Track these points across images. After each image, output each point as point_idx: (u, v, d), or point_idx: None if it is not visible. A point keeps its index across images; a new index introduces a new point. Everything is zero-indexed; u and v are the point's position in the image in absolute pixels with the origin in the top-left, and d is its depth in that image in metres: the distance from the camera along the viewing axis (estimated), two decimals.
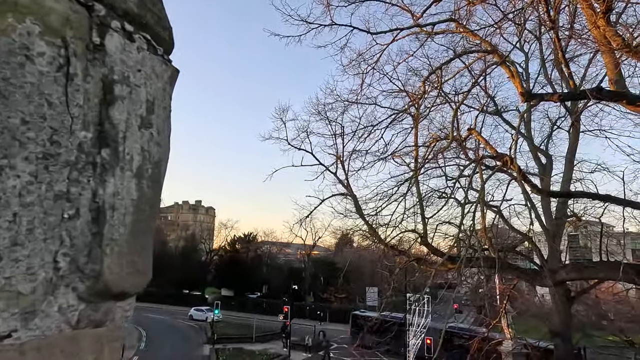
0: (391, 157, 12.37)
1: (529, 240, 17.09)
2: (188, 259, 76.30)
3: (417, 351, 29.19)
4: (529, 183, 9.42)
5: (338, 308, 55.67)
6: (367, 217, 13.87)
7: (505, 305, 16.98)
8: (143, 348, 36.45)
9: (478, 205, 11.43)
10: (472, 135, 10.32)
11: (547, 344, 21.87)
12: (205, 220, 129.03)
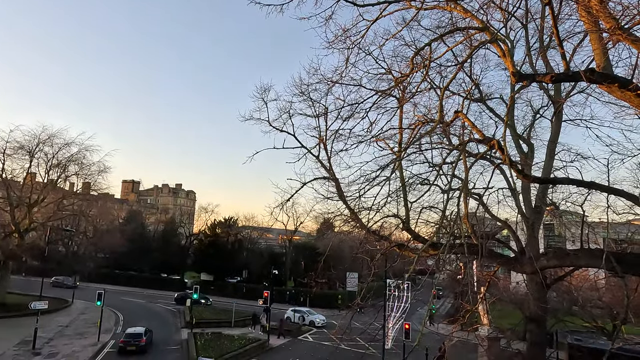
0: (374, 140, 12.12)
1: (509, 227, 17.26)
2: (167, 243, 75.37)
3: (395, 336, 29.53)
4: (515, 168, 9.31)
5: (318, 293, 55.95)
6: (349, 201, 13.65)
7: (484, 291, 17.16)
8: (120, 331, 35.92)
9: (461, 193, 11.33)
10: (458, 118, 10.13)
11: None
12: (186, 204, 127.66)
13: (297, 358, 30.92)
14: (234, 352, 29.71)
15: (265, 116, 14.78)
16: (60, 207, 46.60)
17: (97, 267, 67.37)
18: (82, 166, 47.29)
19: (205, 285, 60.97)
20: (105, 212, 58.92)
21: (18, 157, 43.04)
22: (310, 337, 38.87)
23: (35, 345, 29.48)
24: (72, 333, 34.89)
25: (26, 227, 43.55)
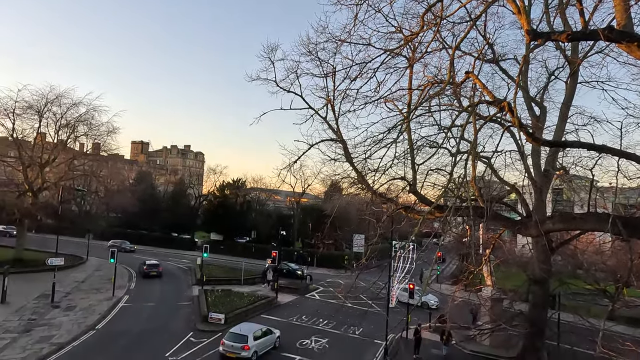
0: (383, 101, 11.90)
1: (516, 191, 17.19)
2: (177, 204, 76.54)
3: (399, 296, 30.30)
4: (525, 131, 9.13)
5: (325, 254, 57.05)
6: (356, 164, 13.62)
7: (489, 253, 17.35)
8: (133, 288, 37.27)
9: (469, 156, 11.22)
10: (469, 79, 9.84)
11: None
12: (194, 165, 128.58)
13: (304, 314, 32.00)
14: (244, 308, 30.80)
15: (273, 76, 14.53)
16: (71, 167, 47.25)
17: (110, 226, 69.03)
18: (91, 127, 47.54)
19: (215, 245, 62.37)
20: (115, 173, 59.66)
21: (27, 117, 43.26)
22: (317, 295, 40.03)
23: (54, 299, 30.81)
24: (88, 288, 36.29)
25: (39, 187, 44.39)
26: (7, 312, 27.47)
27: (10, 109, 41.32)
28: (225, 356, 21.34)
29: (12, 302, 29.48)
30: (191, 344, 23.85)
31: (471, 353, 25.74)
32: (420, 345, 24.35)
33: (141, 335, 24.82)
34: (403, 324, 26.23)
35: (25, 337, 23.42)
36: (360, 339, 26.96)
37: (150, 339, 24.27)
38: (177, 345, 23.42)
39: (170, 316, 29.28)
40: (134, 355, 21.63)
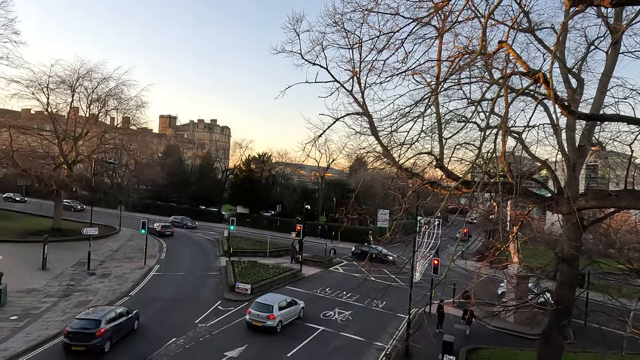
0: (410, 73, 11.55)
1: (548, 167, 16.61)
2: (204, 177, 78.12)
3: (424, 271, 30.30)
4: (561, 103, 8.71)
5: (349, 228, 57.38)
6: (381, 137, 13.41)
7: (516, 230, 17.00)
8: (164, 258, 38.69)
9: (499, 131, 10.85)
10: (502, 49, 9.40)
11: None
12: (221, 140, 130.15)
13: (328, 287, 32.56)
14: (269, 280, 31.59)
15: (298, 48, 14.35)
16: (102, 141, 48.69)
17: (140, 198, 71.28)
18: (120, 101, 48.60)
19: (241, 218, 63.66)
20: (144, 146, 61.01)
21: (61, 92, 44.53)
22: (340, 268, 40.56)
23: (90, 267, 32.39)
24: (121, 257, 37.92)
25: (73, 159, 46.07)
26: (48, 278, 29.11)
27: (44, 84, 42.59)
28: (252, 325, 22.08)
29: (51, 269, 31.19)
30: (219, 312, 24.75)
31: (495, 329, 25.72)
32: (443, 320, 24.54)
33: (171, 302, 25.89)
34: (427, 299, 26.34)
35: (65, 302, 24.83)
36: (383, 312, 27.32)
37: (180, 306, 25.31)
38: (206, 312, 24.35)
39: (199, 285, 30.37)
40: (165, 321, 22.63)
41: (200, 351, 19.14)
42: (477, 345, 22.17)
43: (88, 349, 17.83)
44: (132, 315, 21.14)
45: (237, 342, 20.34)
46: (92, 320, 18.50)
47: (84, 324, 18.29)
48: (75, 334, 17.90)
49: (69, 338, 17.84)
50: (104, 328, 18.33)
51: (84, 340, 17.85)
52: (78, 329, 18.01)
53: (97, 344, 17.94)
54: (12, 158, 42.09)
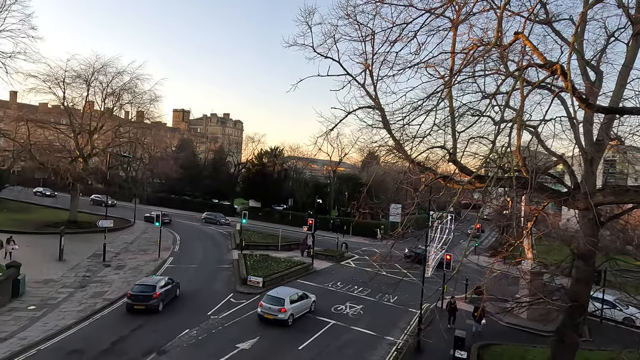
0: (423, 65, 11.39)
1: (564, 162, 16.29)
2: (217, 171, 78.63)
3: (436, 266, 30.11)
4: (579, 96, 8.49)
5: (361, 222, 57.30)
6: (393, 131, 13.28)
7: (530, 226, 16.74)
8: (177, 250, 39.15)
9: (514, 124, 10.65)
10: (517, 41, 9.19)
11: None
12: (233, 134, 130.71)
13: (339, 281, 32.60)
14: (280, 273, 31.75)
15: (310, 41, 14.20)
16: (117, 135, 49.32)
17: (154, 191, 72.09)
18: (134, 95, 49.10)
19: (253, 212, 64.01)
20: (158, 140, 61.61)
21: (76, 86, 45.18)
22: (352, 262, 40.56)
23: (105, 258, 32.94)
24: (136, 249, 38.49)
25: (89, 153, 46.80)
26: (65, 269, 29.70)
27: (60, 78, 43.24)
28: (263, 317, 22.24)
29: (68, 260, 31.81)
30: (231, 304, 24.98)
31: (507, 325, 25.47)
32: (456, 316, 24.29)
33: (185, 294, 26.19)
34: (438, 294, 26.18)
35: (81, 292, 25.32)
36: (395, 307, 27.26)
37: (194, 298, 25.60)
38: (219, 305, 24.60)
39: (212, 278, 30.68)
40: (178, 312, 22.93)
41: (212, 342, 19.36)
42: (489, 341, 21.99)
43: (147, 307, 22.34)
44: (175, 284, 25.42)
45: (249, 334, 20.51)
46: (149, 285, 23.11)
47: (143, 288, 22.83)
48: (136, 296, 22.38)
49: (131, 299, 22.35)
50: (158, 292, 22.88)
51: (144, 301, 22.35)
52: (138, 293, 22.52)
53: (153, 304, 22.47)
54: (30, 151, 42.93)
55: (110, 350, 17.92)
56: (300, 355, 18.90)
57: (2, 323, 19.87)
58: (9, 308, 21.78)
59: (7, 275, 23.03)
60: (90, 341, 18.44)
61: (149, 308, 22.35)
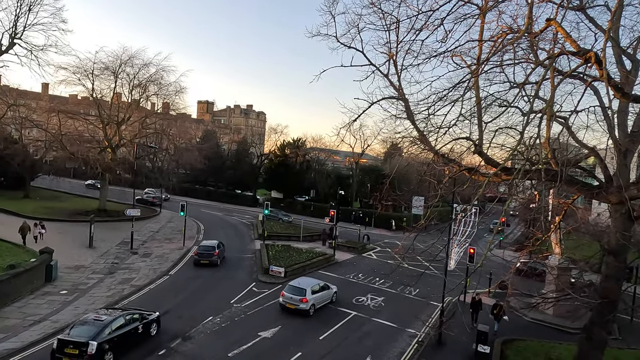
0: (449, 54, 11.11)
1: (596, 154, 15.71)
2: (240, 162, 79.46)
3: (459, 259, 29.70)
4: (613, 85, 8.13)
5: (383, 214, 56.97)
6: (417, 122, 13.06)
7: (559, 220, 16.26)
8: (201, 239, 39.91)
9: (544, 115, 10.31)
10: (549, 28, 8.84)
11: None
12: (256, 125, 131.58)
13: (361, 272, 32.60)
14: (302, 264, 31.98)
15: (333, 31, 14.10)
16: (144, 126, 50.39)
17: (179, 181, 73.53)
18: (160, 86, 49.97)
19: (275, 202, 64.51)
20: (183, 131, 62.65)
21: (104, 78, 46.32)
22: (374, 254, 40.47)
23: (133, 246, 33.91)
24: (162, 238, 39.45)
25: (117, 143, 48.05)
26: (95, 256, 30.74)
27: (89, 70, 44.39)
28: (285, 307, 22.49)
29: (97, 247, 32.90)
30: (253, 293, 25.35)
31: (532, 321, 24.97)
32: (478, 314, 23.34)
33: (208, 282, 26.74)
34: (461, 287, 25.84)
35: (110, 278, 26.17)
36: (416, 300, 27.10)
37: (217, 286, 26.11)
38: (241, 293, 25.01)
39: (235, 267, 31.17)
40: (202, 299, 23.44)
41: (235, 330, 19.73)
42: (513, 336, 21.60)
43: (210, 262, 30.60)
44: (224, 247, 33.36)
45: (271, 323, 20.80)
46: (210, 246, 31.57)
47: (206, 248, 31.27)
48: (201, 254, 30.79)
49: (198, 256, 30.75)
50: (217, 251, 31.33)
51: (207, 258, 30.63)
52: (203, 251, 30.93)
53: (214, 260, 30.83)
54: (61, 142, 44.41)
55: None
56: (321, 345, 19.06)
57: (36, 306, 20.77)
58: (42, 292, 22.74)
59: (41, 261, 24.02)
60: None
61: (211, 263, 30.50)
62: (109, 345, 15.50)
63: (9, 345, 16.38)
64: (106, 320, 16.16)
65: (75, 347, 14.85)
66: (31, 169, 52.28)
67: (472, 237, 30.21)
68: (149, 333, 18.07)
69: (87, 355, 14.66)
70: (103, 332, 15.52)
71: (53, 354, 14.99)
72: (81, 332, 15.35)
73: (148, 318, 18.17)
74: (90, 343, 14.82)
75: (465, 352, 19.39)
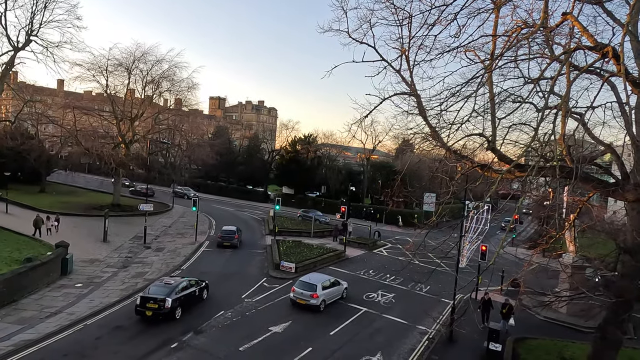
0: (463, 50, 10.97)
1: (612, 151, 15.41)
2: (252, 158, 79.86)
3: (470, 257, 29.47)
4: (631, 81, 7.96)
5: (394, 211, 56.79)
6: (429, 118, 12.96)
7: (574, 218, 16.02)
8: (213, 234, 40.25)
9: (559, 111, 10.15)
10: (565, 22, 8.67)
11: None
12: (268, 121, 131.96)
13: (371, 269, 32.57)
14: (313, 259, 32.06)
15: (345, 27, 13.99)
16: (156, 122, 50.90)
17: (191, 177, 74.21)
18: (173, 82, 50.36)
19: (286, 198, 64.68)
20: (195, 127, 63.13)
21: (118, 74, 46.84)
22: (384, 251, 40.38)
23: (146, 241, 34.34)
24: (174, 232, 39.88)
25: (130, 139, 48.59)
26: (109, 250, 31.22)
27: (103, 67, 44.93)
28: (296, 302, 22.58)
29: (112, 241, 33.40)
30: (264, 288, 25.51)
31: (545, 319, 24.71)
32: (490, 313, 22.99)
33: (220, 277, 26.97)
34: (473, 285, 25.59)
35: (124, 272, 26.57)
36: (427, 297, 27.00)
37: (228, 281, 26.32)
38: (252, 288, 25.18)
39: (246, 262, 31.38)
40: (213, 294, 23.63)
41: (246, 324, 19.89)
42: (525, 335, 21.39)
43: (231, 244, 35.05)
44: (241, 232, 37.42)
45: (282, 318, 20.91)
46: (231, 231, 35.98)
47: (228, 232, 35.82)
48: (224, 237, 35.28)
49: (221, 239, 35.28)
50: (237, 234, 35.71)
51: (229, 240, 35.18)
52: (225, 235, 35.51)
53: (235, 242, 35.16)
54: (76, 137, 45.05)
55: (151, 327, 18.75)
56: (331, 341, 19.11)
57: (53, 299, 21.20)
58: (58, 285, 23.19)
59: (57, 254, 24.48)
60: (132, 318, 19.35)
61: (232, 245, 34.97)
62: (178, 303, 19.74)
63: (25, 337, 16.75)
64: (174, 283, 20.41)
65: (155, 302, 18.93)
66: (47, 164, 53.21)
67: (484, 234, 29.93)
68: (202, 296, 22.37)
69: (165, 308, 18.91)
70: (173, 292, 19.69)
71: (136, 308, 19.14)
72: (158, 292, 19.52)
73: (201, 284, 22.41)
74: (166, 299, 19.03)
75: (476, 350, 19.28)
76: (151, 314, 18.90)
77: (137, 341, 17.33)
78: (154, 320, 18.94)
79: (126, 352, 16.25)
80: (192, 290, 21.23)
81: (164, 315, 18.96)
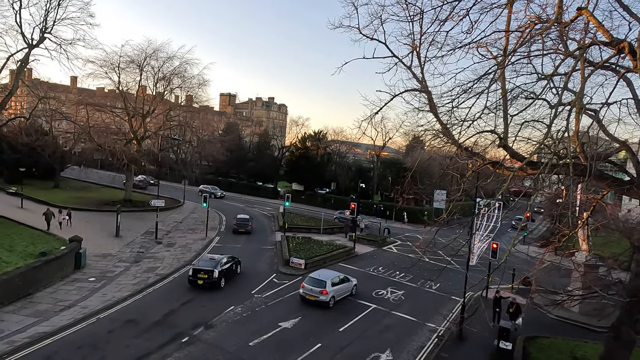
0: (475, 45, 10.85)
1: (628, 148, 15.15)
2: (262, 154, 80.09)
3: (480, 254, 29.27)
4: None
5: (404, 208, 56.54)
6: (440, 115, 12.85)
7: (587, 216, 15.79)
8: (223, 230, 40.55)
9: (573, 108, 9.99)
10: (580, 17, 8.52)
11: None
12: (278, 117, 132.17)
13: (381, 266, 32.53)
14: (322, 256, 32.11)
15: (355, 23, 13.97)
16: (168, 118, 51.31)
17: (202, 173, 74.67)
18: (184, 79, 50.69)
19: (296, 195, 64.81)
20: (206, 123, 63.41)
21: (130, 71, 47.27)
22: (394, 248, 40.28)
23: (157, 236, 34.72)
24: (185, 228, 40.24)
25: (142, 135, 49.08)
26: (121, 245, 31.64)
27: (116, 64, 45.37)
28: (305, 298, 22.67)
29: (124, 237, 33.83)
30: (274, 284, 25.64)
31: (557, 318, 24.47)
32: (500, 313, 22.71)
33: None
34: (483, 283, 25.43)
35: (136, 267, 26.91)
36: (437, 294, 26.88)
37: (238, 276, 26.50)
38: (262, 284, 25.33)
39: (256, 258, 31.55)
40: (224, 290, 23.82)
41: (256, 320, 20.03)
42: (536, 333, 21.21)
43: (245, 231, 39.75)
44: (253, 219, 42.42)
45: (291, 314, 21.02)
46: (246, 218, 40.88)
47: (243, 220, 40.36)
48: (239, 224, 39.82)
49: (237, 226, 39.64)
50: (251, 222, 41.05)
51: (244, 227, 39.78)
52: (240, 222, 40.04)
53: (249, 229, 40.04)
54: (89, 133, 45.63)
55: (162, 321, 19.01)
56: (341, 337, 19.16)
57: (66, 292, 21.57)
58: (72, 279, 23.59)
59: (70, 249, 24.89)
60: (144, 312, 19.64)
61: (247, 231, 39.17)
62: (222, 274, 23.91)
63: (40, 329, 17.09)
64: (218, 258, 24.92)
65: (205, 273, 23.29)
66: (61, 160, 53.98)
67: (495, 232, 29.71)
68: (237, 271, 26.62)
69: (213, 278, 23.22)
70: (218, 265, 23.96)
71: (189, 278, 23.53)
72: (206, 265, 23.93)
73: (237, 259, 26.86)
74: (214, 270, 23.39)
75: (487, 348, 19.18)
76: (202, 282, 23.23)
77: (149, 335, 17.57)
78: (204, 287, 23.31)
79: (138, 346, 16.49)
80: (231, 264, 25.52)
81: (212, 283, 23.23)
